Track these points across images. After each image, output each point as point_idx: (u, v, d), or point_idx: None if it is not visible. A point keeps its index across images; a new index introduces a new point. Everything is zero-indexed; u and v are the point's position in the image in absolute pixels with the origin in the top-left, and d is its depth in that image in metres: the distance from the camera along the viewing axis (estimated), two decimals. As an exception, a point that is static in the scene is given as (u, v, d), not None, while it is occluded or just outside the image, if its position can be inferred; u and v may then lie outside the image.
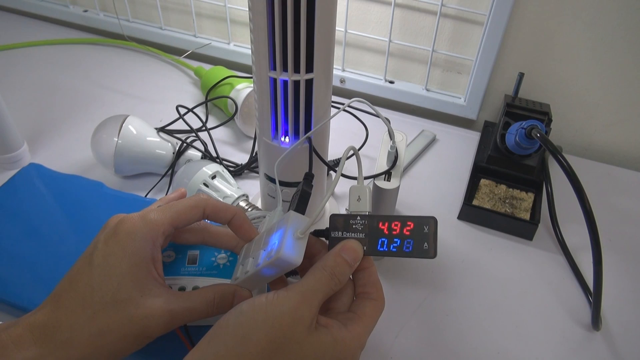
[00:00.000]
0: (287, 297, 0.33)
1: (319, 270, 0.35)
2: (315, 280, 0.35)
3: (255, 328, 0.32)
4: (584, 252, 0.56)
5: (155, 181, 0.62)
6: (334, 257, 0.36)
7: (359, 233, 0.37)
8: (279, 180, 0.49)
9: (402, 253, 0.36)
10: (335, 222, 0.38)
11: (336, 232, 0.38)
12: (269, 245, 0.37)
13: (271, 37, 0.39)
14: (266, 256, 0.36)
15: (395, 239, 0.37)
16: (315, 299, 0.34)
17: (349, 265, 0.36)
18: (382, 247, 0.37)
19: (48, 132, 0.71)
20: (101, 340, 0.34)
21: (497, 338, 0.49)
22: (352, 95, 0.66)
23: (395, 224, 0.37)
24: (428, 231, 0.36)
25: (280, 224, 0.38)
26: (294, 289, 0.34)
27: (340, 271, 0.36)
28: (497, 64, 0.70)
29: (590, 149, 0.74)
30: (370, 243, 0.37)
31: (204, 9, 0.85)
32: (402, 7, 0.71)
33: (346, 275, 0.36)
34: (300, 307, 0.33)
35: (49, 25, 0.96)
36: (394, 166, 0.49)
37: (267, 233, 0.39)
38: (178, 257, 0.45)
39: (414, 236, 0.36)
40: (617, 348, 0.48)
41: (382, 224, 0.37)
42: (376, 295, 0.37)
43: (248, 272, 0.38)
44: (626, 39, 0.63)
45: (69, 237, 0.50)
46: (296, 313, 0.33)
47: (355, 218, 0.38)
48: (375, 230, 0.37)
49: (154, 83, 0.82)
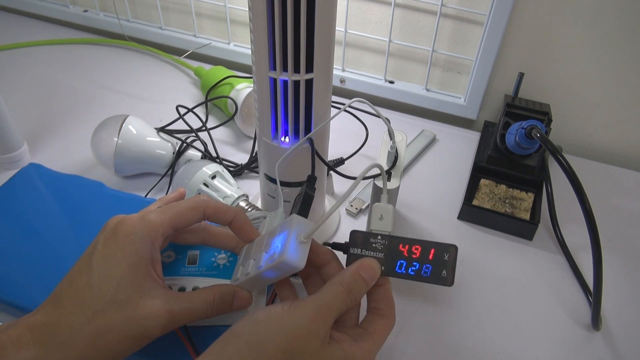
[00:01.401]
0: (303, 309, 0.33)
1: (337, 285, 0.35)
2: (332, 295, 0.35)
3: (270, 338, 0.32)
4: (584, 252, 0.56)
5: (155, 181, 0.62)
6: (352, 274, 0.36)
7: (378, 252, 0.37)
8: (279, 180, 0.49)
9: (419, 277, 0.36)
10: (355, 238, 0.38)
11: (355, 249, 0.38)
12: (272, 248, 0.37)
13: (271, 37, 0.39)
14: (268, 259, 0.36)
15: (415, 263, 0.36)
16: (330, 313, 0.34)
17: (366, 283, 0.36)
18: (400, 270, 0.37)
19: (48, 132, 0.71)
20: (100, 340, 0.34)
21: (497, 338, 0.49)
22: (352, 95, 0.66)
23: (416, 247, 0.37)
24: (448, 259, 0.36)
25: (283, 227, 0.38)
26: (311, 301, 0.34)
27: (357, 288, 0.36)
28: (497, 64, 0.70)
29: (590, 149, 0.74)
30: (388, 264, 0.37)
31: (204, 9, 0.85)
32: (402, 7, 0.71)
33: (362, 293, 0.37)
34: (315, 320, 0.33)
35: (49, 25, 0.96)
36: (394, 166, 0.49)
37: (269, 235, 0.39)
38: (178, 257, 0.45)
39: (433, 262, 0.36)
40: (617, 348, 0.48)
41: (402, 245, 0.37)
42: (387, 313, 0.37)
43: (249, 273, 0.38)
44: (626, 39, 0.63)
45: (69, 237, 0.50)
46: (311, 326, 0.33)
47: (376, 237, 0.38)
48: (394, 251, 0.37)
49: (154, 83, 0.82)
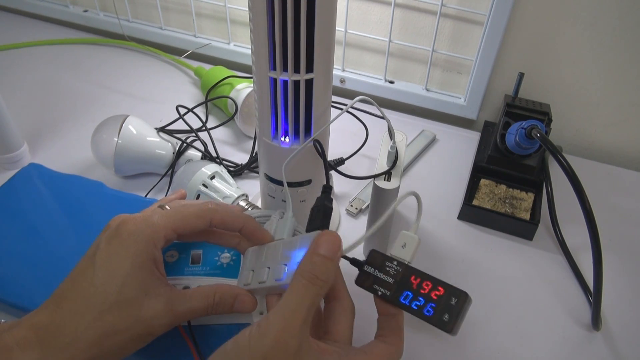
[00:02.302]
0: (268, 328, 0.31)
1: (296, 280, 0.32)
2: (296, 296, 0.32)
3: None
4: (584, 252, 0.56)
5: (155, 181, 0.62)
6: (309, 259, 0.33)
7: (390, 277, 0.36)
8: (278, 180, 0.49)
9: (420, 314, 0.34)
10: (374, 258, 0.37)
11: (369, 267, 0.37)
12: (294, 262, 0.36)
13: (271, 37, 0.39)
14: (292, 274, 0.36)
15: (420, 298, 0.35)
16: (298, 319, 0.31)
17: (329, 259, 0.33)
18: (405, 300, 0.35)
19: (48, 132, 0.71)
20: (107, 341, 0.34)
21: (497, 338, 0.49)
22: (353, 95, 0.66)
23: (427, 283, 0.35)
24: (455, 304, 0.33)
25: (305, 241, 0.37)
26: (275, 314, 0.31)
27: (321, 271, 0.32)
28: (497, 64, 0.70)
29: (590, 149, 0.74)
30: (395, 291, 0.36)
31: (204, 9, 0.85)
32: (402, 7, 0.71)
33: (330, 272, 0.33)
34: (282, 335, 0.30)
35: (49, 25, 0.96)
36: (394, 166, 0.49)
37: (286, 245, 0.38)
38: (181, 256, 0.45)
39: (438, 302, 0.34)
40: (617, 348, 0.48)
41: (414, 278, 0.36)
42: (391, 341, 0.35)
43: (265, 283, 0.38)
44: (626, 39, 0.63)
45: (69, 237, 0.50)
46: (279, 344, 0.30)
47: (393, 262, 0.37)
48: (405, 281, 0.36)
49: (154, 83, 0.82)
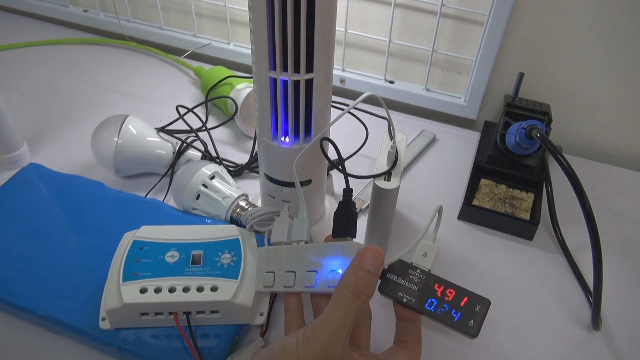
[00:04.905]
0: (315, 338, 0.33)
1: (342, 292, 0.34)
2: (342, 309, 0.34)
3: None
4: (584, 252, 0.56)
5: (155, 181, 0.62)
6: (354, 272, 0.34)
7: (413, 285, 0.37)
8: (278, 180, 0.49)
9: (446, 320, 0.36)
10: (395, 266, 0.38)
11: (392, 275, 0.38)
12: (327, 270, 0.37)
13: (271, 37, 0.39)
14: (326, 283, 0.37)
15: (445, 305, 0.36)
16: (343, 331, 0.33)
17: (372, 274, 0.35)
18: (430, 307, 0.36)
19: (48, 132, 0.71)
20: None
21: (497, 338, 0.49)
22: (352, 95, 0.66)
23: (450, 290, 0.37)
24: (479, 311, 0.36)
25: (336, 250, 0.38)
26: (322, 324, 0.33)
27: (364, 284, 0.34)
28: (497, 64, 0.70)
29: (590, 149, 0.74)
30: (419, 298, 0.37)
31: (204, 9, 0.85)
32: (402, 7, 0.71)
33: (373, 287, 0.35)
34: (329, 346, 0.33)
35: (49, 25, 0.96)
36: (394, 166, 0.49)
37: (312, 251, 0.39)
38: (181, 257, 0.45)
39: (463, 309, 0.36)
40: (617, 348, 0.48)
41: (437, 285, 0.37)
42: (412, 347, 0.37)
43: (292, 287, 0.39)
44: (626, 39, 0.63)
45: (69, 237, 0.50)
46: (326, 354, 0.33)
47: (416, 270, 0.38)
48: (429, 288, 0.37)
49: (154, 83, 0.82)
